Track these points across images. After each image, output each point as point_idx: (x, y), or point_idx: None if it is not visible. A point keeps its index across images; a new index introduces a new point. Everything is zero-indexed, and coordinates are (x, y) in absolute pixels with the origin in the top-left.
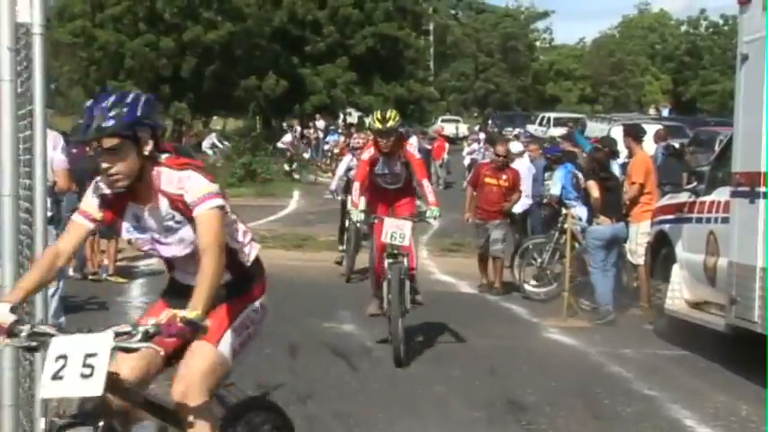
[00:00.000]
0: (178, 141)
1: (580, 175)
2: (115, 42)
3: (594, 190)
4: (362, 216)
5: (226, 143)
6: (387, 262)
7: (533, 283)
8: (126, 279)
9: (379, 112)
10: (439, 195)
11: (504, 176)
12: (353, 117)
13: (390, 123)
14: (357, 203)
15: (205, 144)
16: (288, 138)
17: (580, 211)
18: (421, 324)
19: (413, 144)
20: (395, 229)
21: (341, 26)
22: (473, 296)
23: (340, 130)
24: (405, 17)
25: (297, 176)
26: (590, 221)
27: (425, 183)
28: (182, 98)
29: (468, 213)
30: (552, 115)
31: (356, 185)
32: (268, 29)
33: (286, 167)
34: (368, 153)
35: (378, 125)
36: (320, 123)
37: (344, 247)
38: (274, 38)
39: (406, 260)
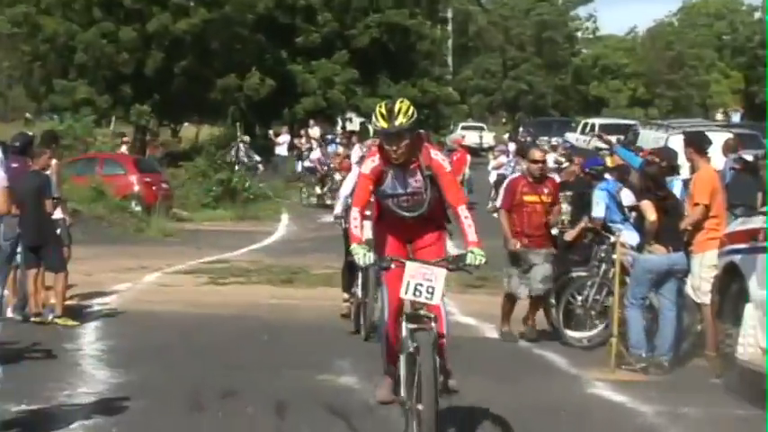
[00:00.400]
0: (141, 153)
1: (627, 194)
2: (64, 33)
3: (651, 212)
4: (372, 257)
5: (256, 157)
6: (406, 327)
7: (574, 326)
8: (77, 322)
9: (383, 105)
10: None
11: (546, 189)
12: (355, 124)
13: (401, 120)
14: (359, 237)
15: (234, 156)
16: (316, 154)
17: (628, 236)
18: None
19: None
20: (420, 280)
21: (339, 13)
22: (499, 342)
23: (339, 140)
24: (418, 2)
25: (330, 202)
26: (640, 248)
27: (462, 210)
28: (145, 101)
29: (514, 240)
30: (597, 121)
31: (354, 213)
32: (251, 16)
33: (318, 191)
34: (370, 164)
35: (382, 123)
36: (314, 131)
37: (358, 292)
38: (258, 27)
39: (435, 326)
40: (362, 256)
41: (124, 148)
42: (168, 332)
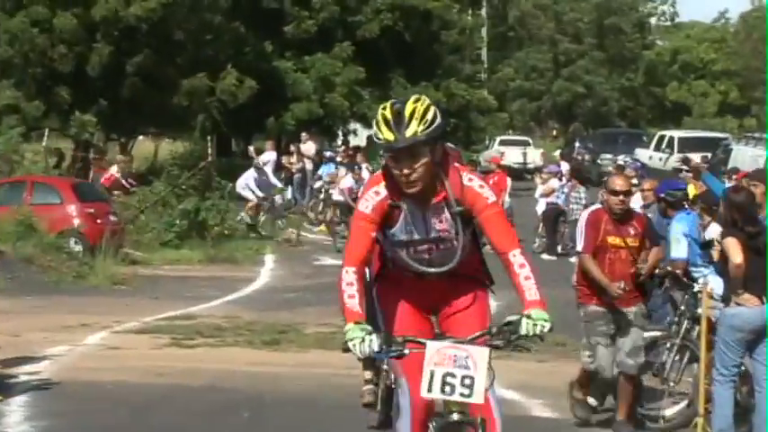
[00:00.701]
0: (83, 175)
1: (715, 229)
2: None
3: (736, 252)
4: (376, 343)
5: (277, 182)
6: None
7: (647, 401)
8: (1, 396)
9: (389, 107)
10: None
11: (632, 230)
12: (360, 137)
13: (414, 128)
14: (358, 313)
15: (243, 183)
16: (347, 181)
17: (717, 284)
18: None
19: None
20: (451, 368)
21: None
22: (551, 422)
23: (339, 158)
24: None
25: None
26: (725, 299)
27: (515, 257)
28: (88, 108)
29: (614, 285)
30: (677, 134)
31: (348, 276)
32: None
33: None
34: (372, 198)
35: (386, 134)
36: (308, 147)
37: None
38: (236, 13)
39: None
40: (360, 341)
41: (115, 170)
42: (118, 409)
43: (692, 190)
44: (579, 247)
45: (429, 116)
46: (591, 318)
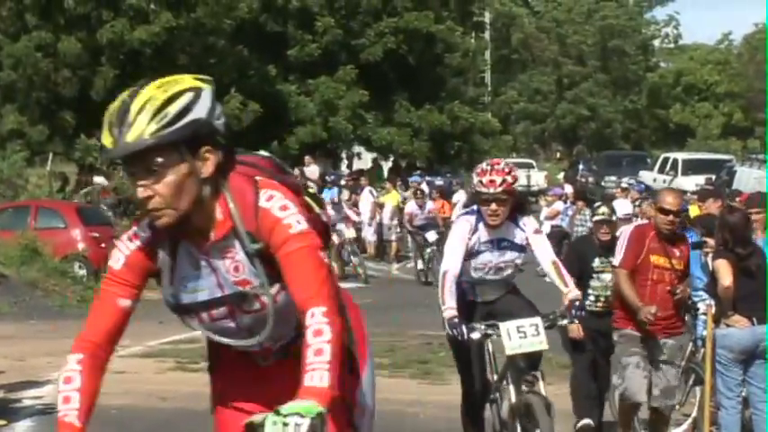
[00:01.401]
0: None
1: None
2: None
3: (725, 274)
4: None
5: (353, 214)
6: None
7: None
8: (3, 420)
9: (120, 97)
10: None
11: (678, 252)
12: (365, 161)
13: (141, 128)
14: (71, 425)
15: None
16: (410, 206)
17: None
18: None
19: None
20: None
21: (345, 17)
22: None
23: (344, 182)
24: (446, 3)
25: (432, 280)
26: (717, 321)
27: (313, 318)
28: (93, 131)
29: (647, 308)
30: (681, 156)
31: (68, 365)
32: (229, 23)
33: (420, 266)
34: (124, 247)
35: (106, 139)
36: (312, 171)
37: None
38: (239, 36)
39: None
40: None
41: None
42: None
43: (693, 211)
44: (617, 262)
45: (172, 108)
46: (626, 339)
